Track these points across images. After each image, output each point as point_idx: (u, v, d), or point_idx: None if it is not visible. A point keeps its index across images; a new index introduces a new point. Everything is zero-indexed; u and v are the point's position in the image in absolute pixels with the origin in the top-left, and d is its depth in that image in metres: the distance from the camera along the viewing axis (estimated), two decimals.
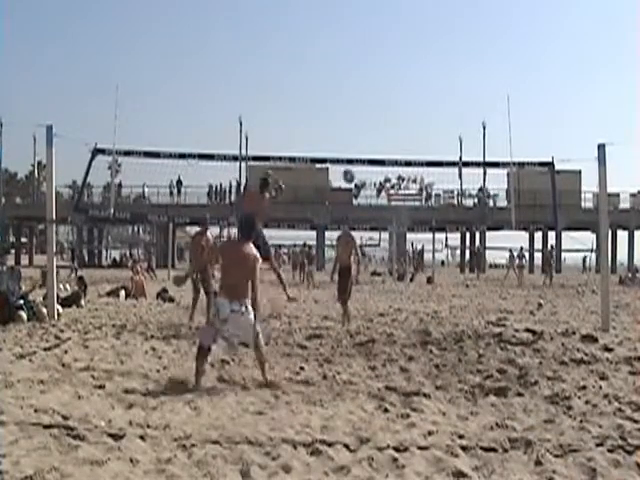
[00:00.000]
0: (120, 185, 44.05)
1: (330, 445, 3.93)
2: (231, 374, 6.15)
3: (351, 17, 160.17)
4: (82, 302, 12.32)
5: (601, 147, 9.78)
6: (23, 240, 54.15)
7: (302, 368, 6.52)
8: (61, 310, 10.37)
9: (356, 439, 4.09)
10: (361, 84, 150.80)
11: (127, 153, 39.07)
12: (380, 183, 45.58)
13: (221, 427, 4.34)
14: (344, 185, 43.58)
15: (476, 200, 43.73)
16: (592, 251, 26.44)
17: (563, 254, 43.40)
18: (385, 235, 36.21)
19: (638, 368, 6.49)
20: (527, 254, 32.33)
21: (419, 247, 39.71)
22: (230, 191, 42.91)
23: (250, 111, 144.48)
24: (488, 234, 40.93)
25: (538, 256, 45.26)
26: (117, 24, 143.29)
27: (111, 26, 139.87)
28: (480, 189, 42.95)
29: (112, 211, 32.74)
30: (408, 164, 40.75)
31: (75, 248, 30.58)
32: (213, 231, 35.14)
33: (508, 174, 40.46)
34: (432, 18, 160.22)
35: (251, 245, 5.90)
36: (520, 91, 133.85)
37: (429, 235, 32.44)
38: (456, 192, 43.46)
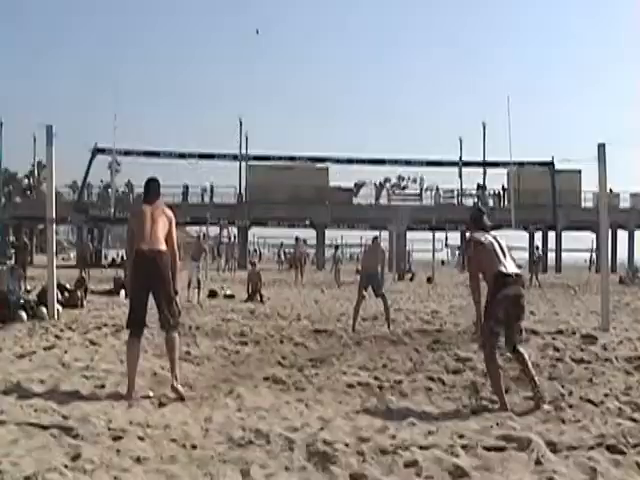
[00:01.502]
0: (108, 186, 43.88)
1: (330, 445, 3.92)
2: (230, 374, 6.16)
3: (352, 17, 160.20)
4: (82, 302, 12.31)
5: (601, 147, 9.79)
6: (25, 240, 54.01)
7: (302, 368, 6.52)
8: (61, 310, 10.37)
9: (356, 439, 4.08)
10: (361, 84, 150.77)
11: (127, 153, 39.11)
12: (380, 183, 45.49)
13: (221, 426, 4.34)
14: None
15: (476, 199, 43.65)
16: (592, 251, 26.42)
17: (564, 254, 43.27)
18: (385, 235, 36.18)
19: (638, 368, 6.49)
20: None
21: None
22: (206, 191, 42.27)
23: (250, 111, 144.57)
24: None
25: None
26: (117, 24, 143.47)
27: (111, 26, 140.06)
28: (479, 187, 42.84)
29: (112, 211, 32.74)
30: (408, 163, 40.76)
31: (85, 249, 29.50)
32: (213, 231, 35.08)
33: (508, 174, 40.45)
34: (433, 19, 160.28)
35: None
36: (520, 91, 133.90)
37: (429, 234, 32.45)
38: (456, 192, 43.41)
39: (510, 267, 5.08)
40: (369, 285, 10.40)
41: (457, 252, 46.37)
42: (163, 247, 5.31)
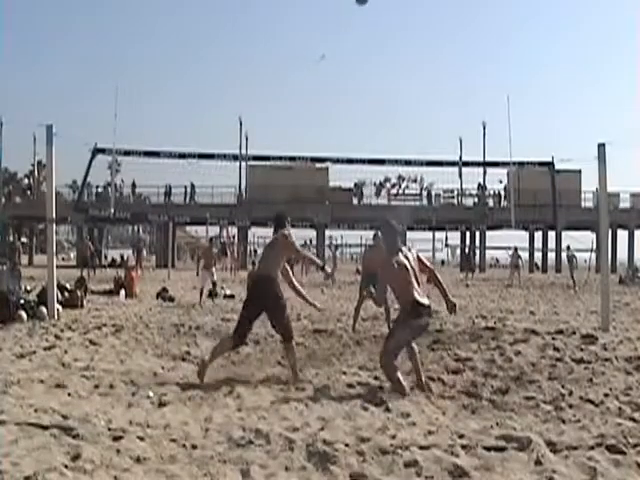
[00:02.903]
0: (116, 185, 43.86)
1: (330, 445, 3.92)
2: (230, 374, 6.16)
3: (353, 17, 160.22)
4: (82, 302, 12.31)
5: (601, 146, 9.79)
6: (23, 240, 54.12)
7: (302, 368, 6.52)
8: (61, 310, 10.37)
9: (356, 439, 4.08)
10: (361, 84, 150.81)
11: (127, 153, 39.12)
12: (380, 183, 45.47)
13: (221, 426, 4.34)
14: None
15: (476, 199, 43.65)
16: (592, 251, 26.38)
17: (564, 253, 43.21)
18: None
19: (638, 368, 6.48)
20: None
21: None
22: (187, 191, 42.03)
23: (250, 111, 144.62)
24: (488, 234, 40.95)
25: (538, 256, 45.36)
26: (117, 24, 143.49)
27: (112, 26, 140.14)
28: (479, 187, 42.83)
29: (112, 211, 32.73)
30: (408, 163, 40.74)
31: (84, 249, 28.94)
32: (212, 231, 35.10)
33: (508, 174, 40.44)
34: (435, 20, 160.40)
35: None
36: (520, 91, 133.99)
37: (429, 234, 32.45)
38: (456, 192, 43.40)
39: (422, 294, 5.68)
40: (370, 285, 10.39)
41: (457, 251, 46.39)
42: (267, 272, 6.01)
